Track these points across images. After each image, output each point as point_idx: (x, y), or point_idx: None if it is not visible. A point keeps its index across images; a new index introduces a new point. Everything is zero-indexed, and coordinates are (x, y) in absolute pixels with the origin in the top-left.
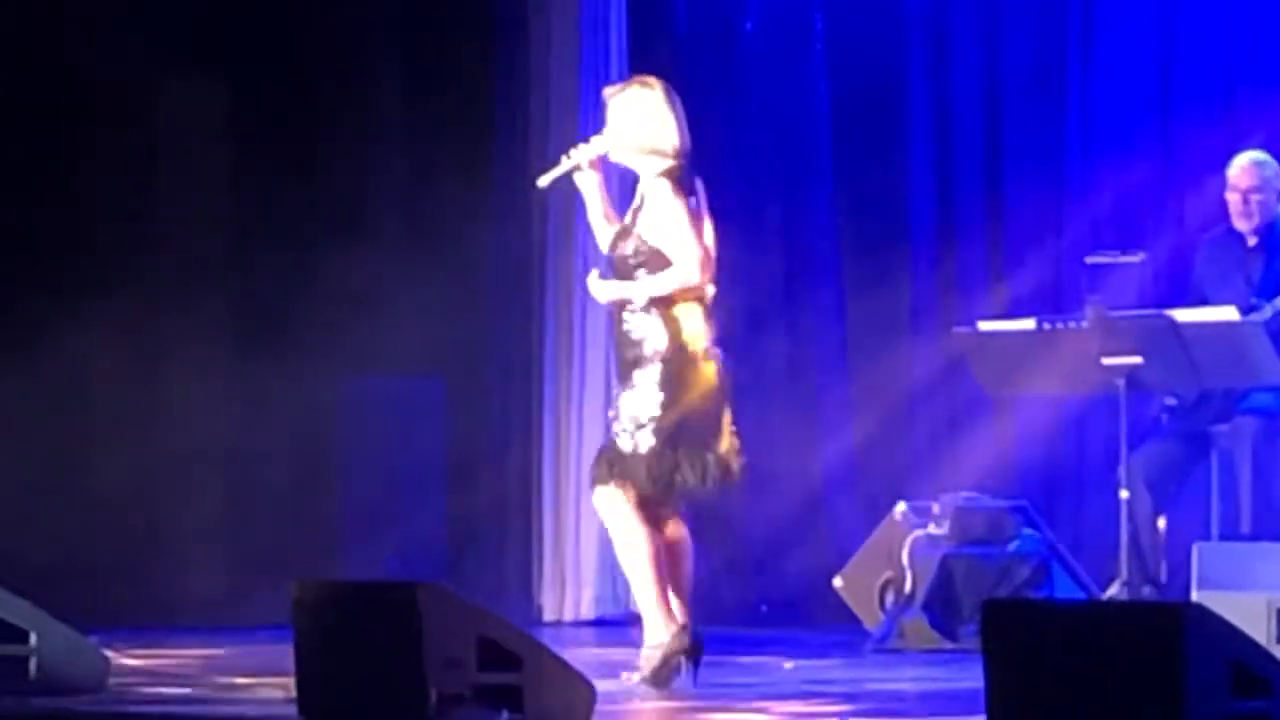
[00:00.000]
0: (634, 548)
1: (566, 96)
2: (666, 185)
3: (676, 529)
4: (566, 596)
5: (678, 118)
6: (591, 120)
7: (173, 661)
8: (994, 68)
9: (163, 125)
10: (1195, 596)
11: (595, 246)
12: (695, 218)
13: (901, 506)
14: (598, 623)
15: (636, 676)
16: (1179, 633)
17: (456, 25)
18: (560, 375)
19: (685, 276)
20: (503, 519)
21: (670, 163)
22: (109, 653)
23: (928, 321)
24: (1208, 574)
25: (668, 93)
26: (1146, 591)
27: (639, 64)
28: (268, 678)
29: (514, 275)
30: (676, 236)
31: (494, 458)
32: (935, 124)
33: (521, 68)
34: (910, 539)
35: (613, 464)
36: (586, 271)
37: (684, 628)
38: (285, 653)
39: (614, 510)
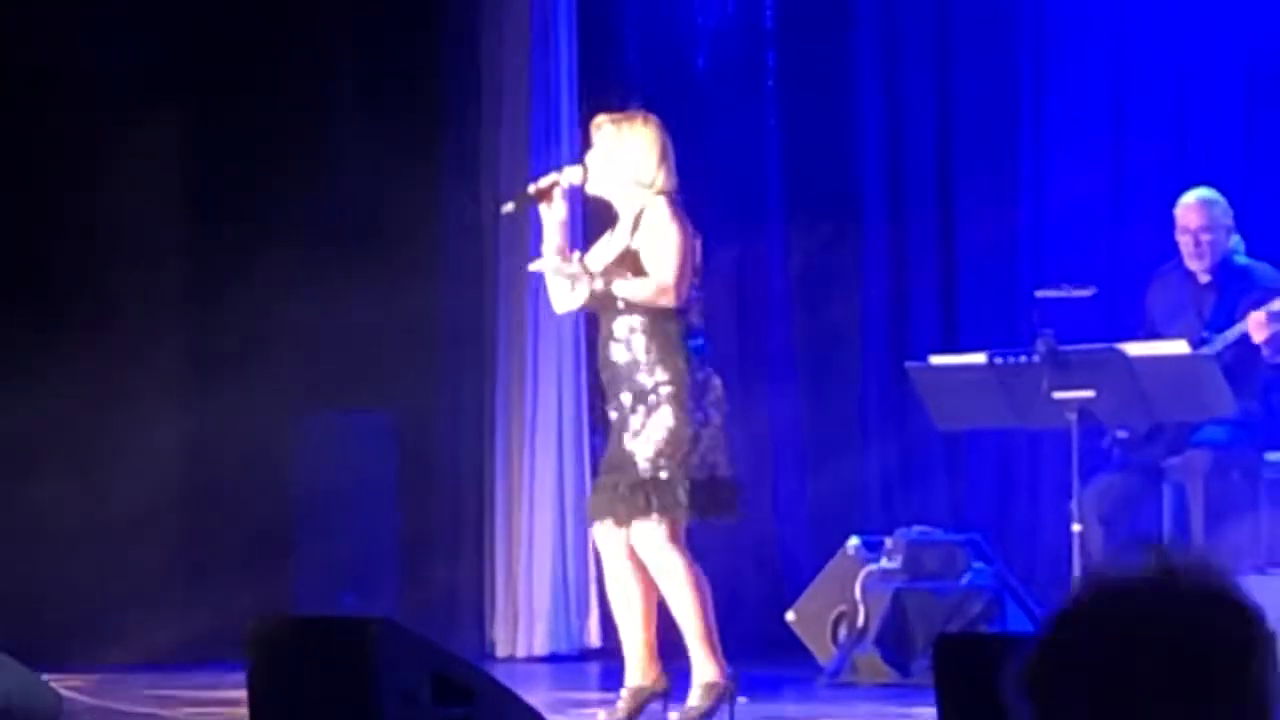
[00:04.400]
0: (682, 582)
1: (517, 138)
2: (666, 205)
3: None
4: (519, 632)
5: (670, 156)
6: (542, 160)
7: (126, 699)
8: (946, 102)
9: (113, 163)
10: None
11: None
12: (690, 241)
13: (854, 541)
14: (551, 658)
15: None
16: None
17: (408, 66)
18: (512, 409)
19: (664, 291)
20: (455, 554)
21: (661, 198)
22: (63, 690)
23: (879, 356)
24: None
25: (660, 129)
26: None
27: (590, 102)
28: (222, 713)
29: (466, 310)
30: (664, 250)
31: (446, 493)
32: (887, 160)
33: (473, 111)
34: (863, 573)
35: (650, 495)
36: (539, 304)
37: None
38: (239, 689)
39: (655, 544)
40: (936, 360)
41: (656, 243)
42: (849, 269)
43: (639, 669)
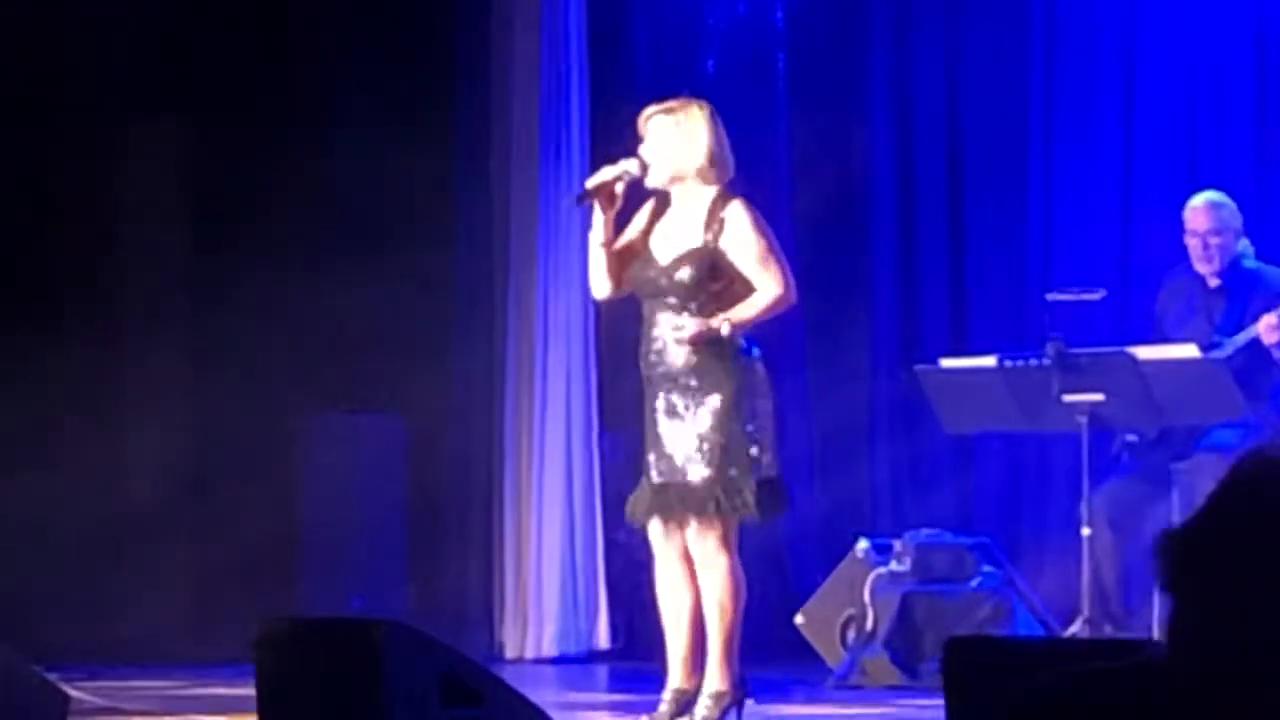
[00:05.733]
0: (726, 586)
1: (528, 141)
2: (746, 209)
3: None
4: (528, 633)
5: (725, 142)
6: (552, 164)
7: (133, 699)
8: (956, 104)
9: (117, 161)
10: (1157, 634)
11: (557, 276)
12: (774, 239)
13: (863, 544)
14: (560, 660)
15: None
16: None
17: (419, 69)
18: (521, 411)
19: (783, 299)
20: (464, 555)
21: (721, 185)
22: (69, 689)
23: (889, 358)
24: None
25: (712, 114)
26: (1108, 629)
27: (600, 105)
28: (230, 716)
29: (475, 309)
30: (767, 260)
31: (455, 494)
32: (897, 163)
33: (483, 115)
34: (872, 576)
35: (712, 497)
36: (548, 303)
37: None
38: (248, 690)
39: (712, 545)
40: (946, 363)
41: (751, 250)
42: (859, 271)
43: (682, 671)
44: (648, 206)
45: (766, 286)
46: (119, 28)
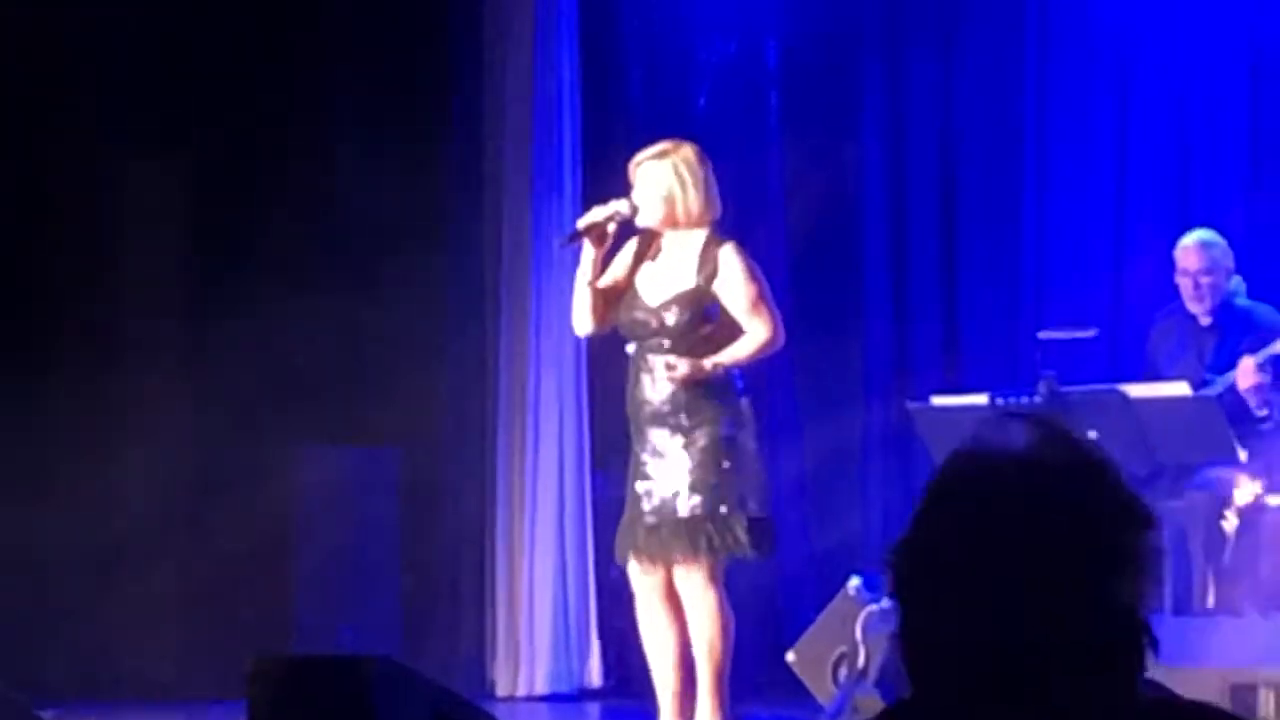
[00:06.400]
0: (715, 625)
1: (521, 176)
2: (737, 253)
3: None
4: (520, 671)
5: (714, 183)
6: (545, 201)
7: None
8: (949, 142)
9: (118, 195)
10: (1150, 671)
11: (549, 311)
12: (765, 282)
13: (855, 581)
14: (551, 698)
15: None
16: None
17: (413, 104)
18: (514, 447)
19: (772, 342)
20: (456, 592)
21: (711, 227)
22: None
23: (882, 395)
24: (1163, 649)
25: (701, 156)
26: None
27: (593, 142)
28: None
29: (467, 343)
30: (758, 304)
31: (448, 529)
32: (890, 199)
33: (475, 146)
34: (864, 613)
35: (699, 535)
36: (540, 338)
37: None
38: None
39: (700, 584)
40: (938, 400)
41: (743, 294)
42: (851, 307)
43: (673, 709)
44: (631, 245)
45: (756, 330)
46: (116, 53)
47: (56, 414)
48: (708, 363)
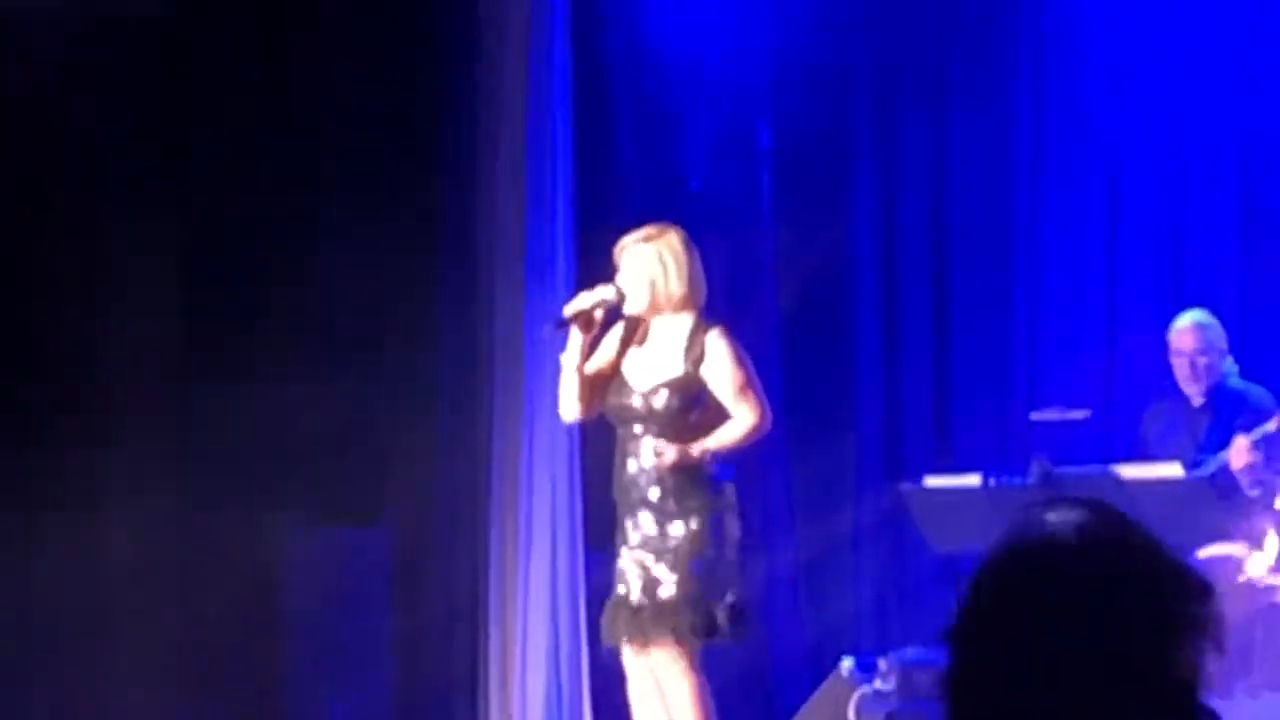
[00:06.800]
0: (706, 707)
1: (514, 259)
2: (724, 338)
3: None
4: None
5: (699, 267)
6: (537, 284)
7: None
8: (941, 222)
9: (109, 265)
10: None
11: (542, 393)
12: (752, 368)
13: (848, 662)
14: None
15: None
16: None
17: (407, 186)
18: (506, 526)
19: (759, 427)
20: (448, 669)
21: (697, 311)
22: None
23: (873, 475)
24: None
25: (687, 241)
26: None
27: (585, 229)
28: None
29: (460, 425)
30: (745, 390)
31: (440, 607)
32: (882, 278)
33: (469, 227)
34: (856, 695)
35: (678, 619)
36: (533, 418)
37: None
38: None
39: (679, 667)
40: (930, 481)
41: (730, 380)
42: (843, 388)
43: None
44: (617, 330)
45: (743, 416)
46: (111, 123)
47: (42, 485)
48: (695, 449)
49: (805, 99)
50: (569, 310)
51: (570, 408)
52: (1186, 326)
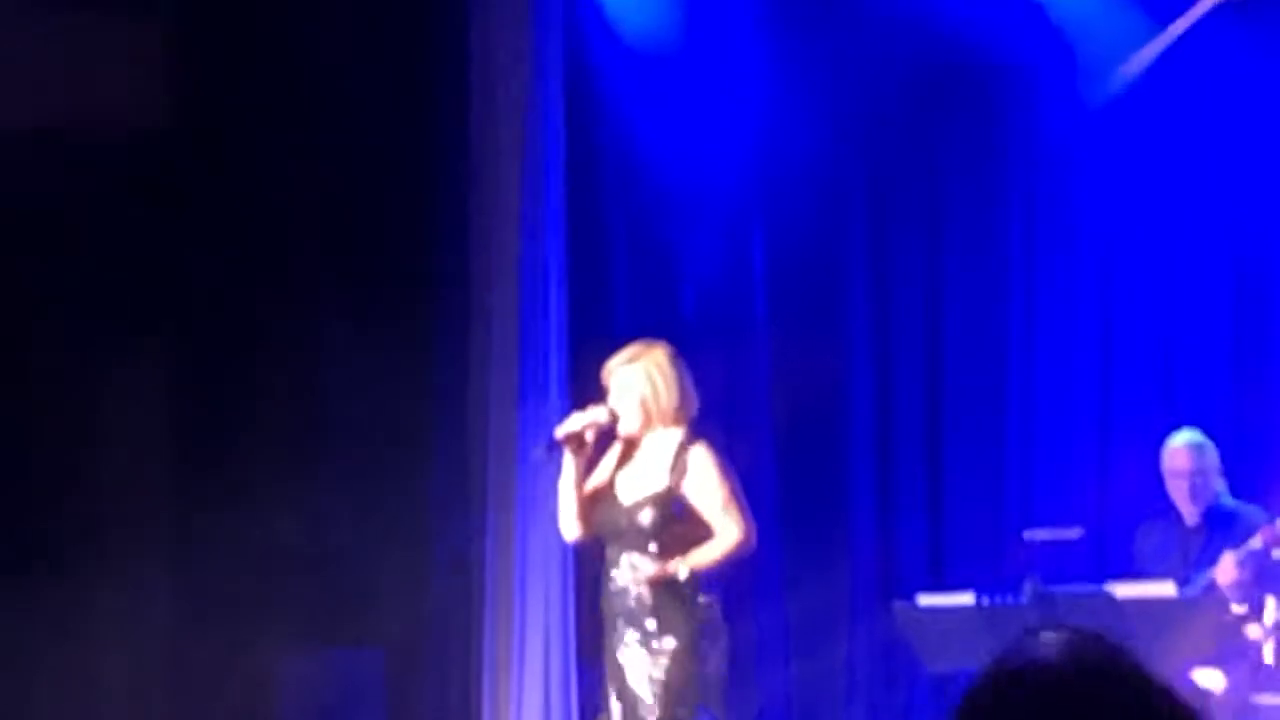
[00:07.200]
0: None
1: (508, 383)
2: (709, 453)
3: None
4: None
5: (688, 381)
6: (532, 407)
7: None
8: (935, 344)
9: (103, 388)
10: None
11: (534, 510)
12: (738, 483)
13: None
14: None
15: None
16: None
17: (400, 315)
18: (499, 643)
19: (744, 544)
20: None
21: (687, 426)
22: None
23: (867, 595)
24: None
25: (674, 357)
26: None
27: (579, 355)
28: None
29: (453, 542)
30: (729, 505)
31: None
32: (875, 402)
33: (462, 352)
34: None
35: None
36: (526, 538)
37: None
38: None
39: None
40: (924, 601)
41: (713, 495)
42: (837, 505)
43: None
44: (616, 449)
45: (727, 531)
46: (102, 246)
47: (34, 606)
48: (680, 567)
49: (799, 215)
50: (560, 432)
51: (570, 528)
52: (1180, 446)
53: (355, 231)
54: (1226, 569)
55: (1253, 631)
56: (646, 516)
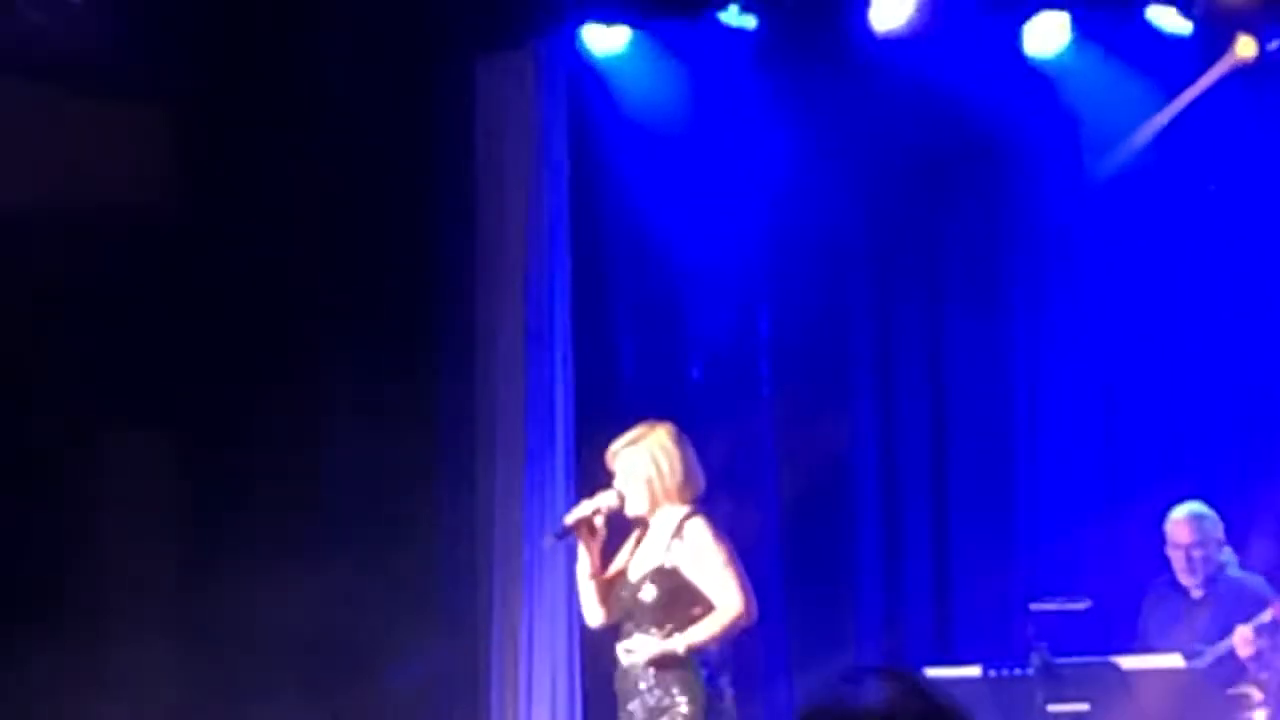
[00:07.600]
0: None
1: (512, 459)
2: (705, 524)
3: None
4: None
5: (693, 460)
6: (537, 483)
7: None
8: (941, 413)
9: (105, 466)
10: None
11: (541, 596)
12: (735, 556)
13: None
14: None
15: None
16: None
17: (405, 395)
18: (506, 716)
19: (743, 615)
20: None
21: (692, 503)
22: None
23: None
24: None
25: (677, 436)
26: None
27: (585, 419)
28: None
29: (460, 614)
30: (726, 579)
31: None
32: (881, 474)
33: (468, 421)
34: None
35: None
36: (533, 610)
37: None
38: None
39: None
40: (931, 673)
41: (708, 565)
42: (843, 581)
43: None
44: (636, 533)
45: (725, 604)
46: (103, 328)
47: (42, 678)
48: (678, 644)
49: (805, 288)
50: (569, 519)
51: (593, 614)
52: (1182, 518)
53: (361, 313)
54: (1244, 642)
55: (1257, 711)
56: (649, 593)
